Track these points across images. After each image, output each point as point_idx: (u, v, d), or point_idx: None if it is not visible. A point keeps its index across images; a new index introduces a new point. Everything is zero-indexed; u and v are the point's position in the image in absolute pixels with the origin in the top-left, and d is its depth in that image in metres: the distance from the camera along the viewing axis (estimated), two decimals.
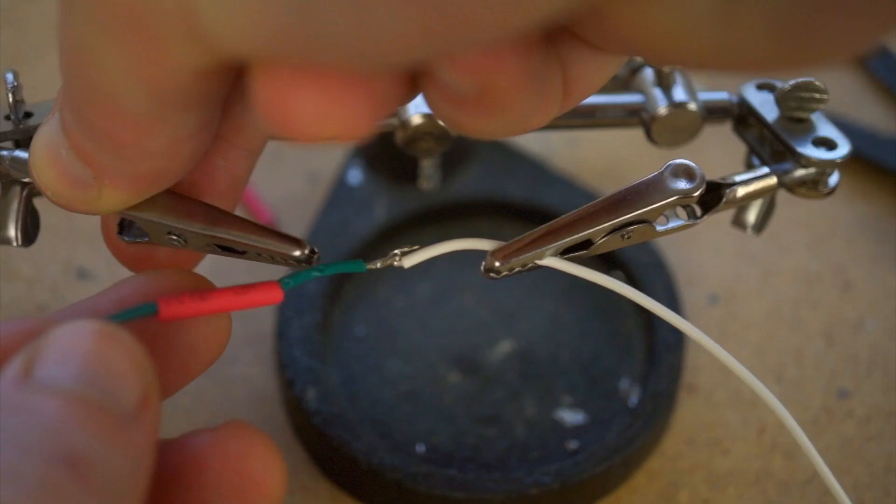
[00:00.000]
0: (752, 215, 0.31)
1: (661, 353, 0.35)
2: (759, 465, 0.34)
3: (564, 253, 0.25)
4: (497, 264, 0.24)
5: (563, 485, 0.31)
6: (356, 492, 0.33)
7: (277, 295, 0.23)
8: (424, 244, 0.25)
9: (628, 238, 0.25)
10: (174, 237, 0.25)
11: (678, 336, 0.35)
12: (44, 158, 0.22)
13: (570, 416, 0.34)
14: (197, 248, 0.25)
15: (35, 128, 0.28)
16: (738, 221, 0.31)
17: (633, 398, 0.35)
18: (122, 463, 0.19)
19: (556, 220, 0.25)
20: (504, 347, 0.36)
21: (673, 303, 0.36)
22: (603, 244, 0.25)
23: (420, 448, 0.34)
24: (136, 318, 0.22)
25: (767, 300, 0.39)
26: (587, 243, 0.25)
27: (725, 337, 0.38)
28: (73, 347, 0.19)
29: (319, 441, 0.33)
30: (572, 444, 0.34)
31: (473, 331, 0.37)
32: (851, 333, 0.38)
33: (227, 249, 0.25)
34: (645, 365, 0.35)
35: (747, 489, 0.34)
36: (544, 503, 0.32)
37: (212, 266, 0.40)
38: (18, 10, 0.50)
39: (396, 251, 0.24)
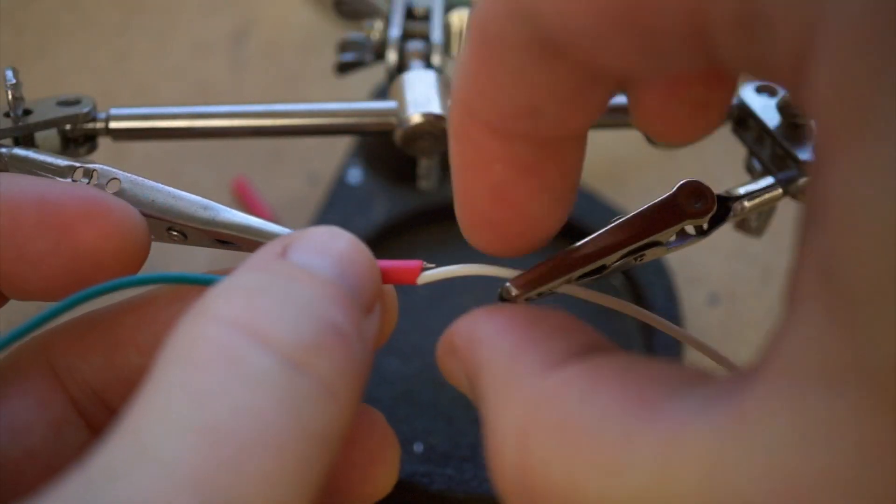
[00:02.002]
0: (752, 219, 0.31)
1: (659, 353, 0.35)
2: None
3: (579, 278, 0.25)
4: (514, 293, 0.24)
5: None
6: None
7: (413, 277, 0.24)
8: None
9: (640, 259, 0.25)
10: (175, 233, 0.25)
11: None
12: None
13: None
14: (197, 242, 0.25)
15: (34, 125, 0.28)
16: (740, 225, 0.31)
17: None
18: (363, 348, 0.20)
19: (572, 248, 0.25)
20: None
21: (672, 304, 0.36)
22: (616, 267, 0.25)
23: (418, 447, 0.34)
24: None
25: (767, 300, 0.39)
26: (601, 267, 0.25)
27: (725, 337, 0.38)
28: (329, 245, 0.21)
29: None
30: None
31: None
32: None
33: (226, 243, 0.25)
34: None
35: None
36: None
37: (213, 263, 0.40)
38: (18, 10, 0.50)
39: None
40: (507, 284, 0.24)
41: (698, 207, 0.25)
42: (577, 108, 0.20)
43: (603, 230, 0.25)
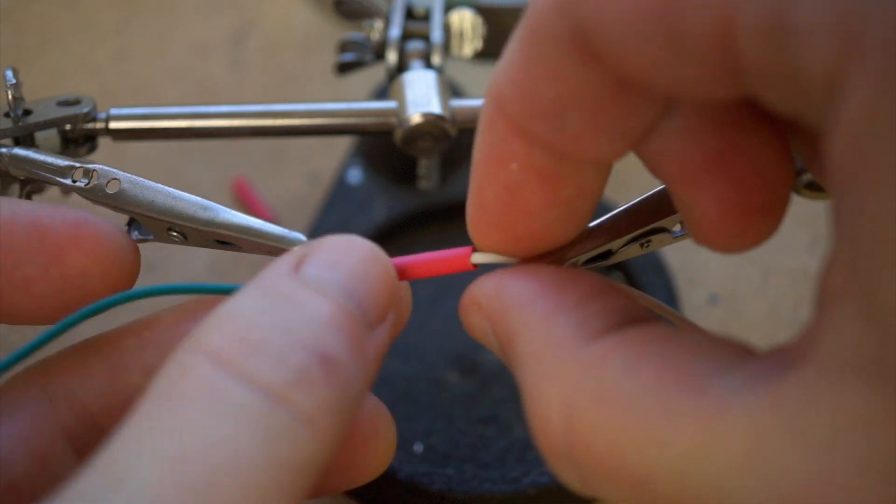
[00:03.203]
0: None
1: None
2: None
3: (585, 263, 0.25)
4: None
5: (561, 485, 0.31)
6: (354, 491, 0.33)
7: (466, 263, 0.23)
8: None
9: (647, 247, 0.25)
10: (174, 233, 0.25)
11: None
12: None
13: None
14: (197, 243, 0.25)
15: (34, 125, 0.28)
16: None
17: None
18: (359, 368, 0.20)
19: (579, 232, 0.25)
20: None
21: (672, 303, 0.36)
22: (622, 253, 0.25)
23: (418, 447, 0.34)
24: None
25: (767, 300, 0.39)
26: (607, 253, 0.25)
27: None
28: (342, 257, 0.21)
29: None
30: None
31: None
32: None
33: (226, 244, 0.25)
34: None
35: None
36: (542, 503, 0.32)
37: (213, 263, 0.40)
38: (18, 10, 0.50)
39: None
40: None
41: None
42: (601, 128, 0.19)
43: (609, 214, 0.24)
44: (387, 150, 0.38)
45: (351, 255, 0.22)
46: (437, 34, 0.34)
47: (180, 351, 0.19)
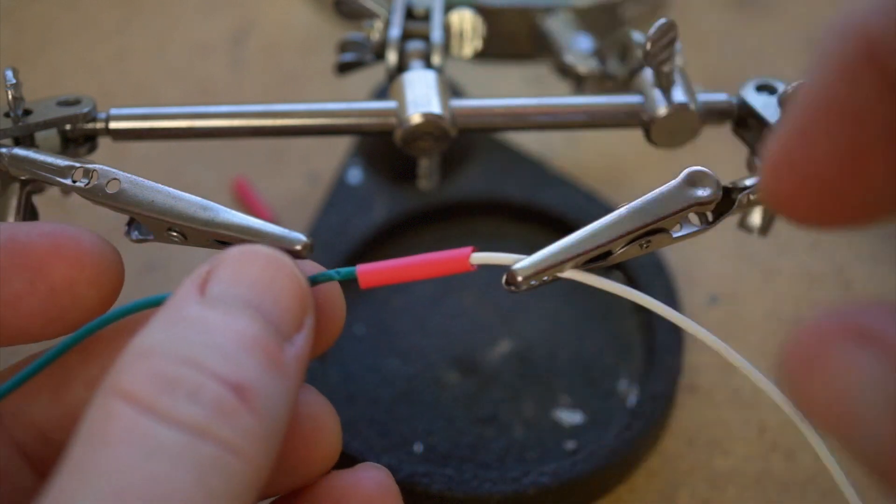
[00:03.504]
0: (757, 217, 0.31)
1: (660, 353, 0.35)
2: (759, 465, 0.34)
3: (584, 264, 0.25)
4: (520, 279, 0.24)
5: (561, 485, 0.31)
6: None
7: (466, 263, 0.24)
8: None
9: (646, 247, 0.25)
10: (174, 233, 0.25)
11: (677, 337, 0.35)
12: None
13: (569, 417, 0.34)
14: (197, 243, 0.25)
15: (34, 125, 0.28)
16: (745, 224, 0.31)
17: (632, 399, 0.35)
18: (279, 387, 0.20)
19: (578, 232, 0.25)
20: (502, 347, 0.36)
21: (672, 303, 0.36)
22: (622, 254, 0.25)
23: (418, 447, 0.34)
24: (338, 280, 0.24)
25: (767, 300, 0.39)
26: (606, 253, 0.25)
27: (726, 337, 0.38)
28: (244, 271, 0.21)
29: None
30: (570, 445, 0.34)
31: (472, 331, 0.37)
32: None
33: (226, 244, 0.25)
34: (644, 365, 0.35)
35: (747, 489, 0.34)
36: (542, 503, 0.32)
37: None
38: (18, 10, 0.50)
39: None
40: (514, 268, 0.24)
41: (704, 194, 0.25)
42: None
43: (609, 216, 0.24)
44: (387, 150, 0.38)
45: (252, 266, 0.22)
46: (437, 34, 0.34)
47: (101, 393, 0.19)
